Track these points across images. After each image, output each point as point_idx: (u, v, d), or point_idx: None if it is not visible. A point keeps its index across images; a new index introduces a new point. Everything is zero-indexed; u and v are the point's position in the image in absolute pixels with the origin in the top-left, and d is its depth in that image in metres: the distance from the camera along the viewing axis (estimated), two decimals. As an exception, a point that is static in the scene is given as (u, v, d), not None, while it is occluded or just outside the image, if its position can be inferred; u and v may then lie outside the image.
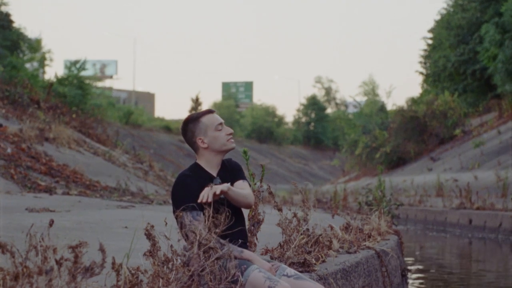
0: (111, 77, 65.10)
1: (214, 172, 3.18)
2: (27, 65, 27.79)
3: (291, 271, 3.16)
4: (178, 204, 3.00)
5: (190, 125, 3.19)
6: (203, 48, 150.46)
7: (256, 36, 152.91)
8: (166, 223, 2.88)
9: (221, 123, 3.19)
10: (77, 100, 24.77)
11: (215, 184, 3.06)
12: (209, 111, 3.22)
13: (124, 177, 13.02)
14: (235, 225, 3.07)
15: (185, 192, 3.03)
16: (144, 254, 2.78)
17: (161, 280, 2.71)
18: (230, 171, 3.24)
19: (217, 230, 2.82)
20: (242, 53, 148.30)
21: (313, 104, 71.02)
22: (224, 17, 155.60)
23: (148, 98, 74.77)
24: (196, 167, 3.17)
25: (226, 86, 79.45)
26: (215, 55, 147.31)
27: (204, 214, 2.91)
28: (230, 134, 3.20)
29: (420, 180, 20.73)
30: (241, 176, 3.26)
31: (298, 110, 72.74)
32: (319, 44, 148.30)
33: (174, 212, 3.02)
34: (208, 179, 3.12)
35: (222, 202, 3.07)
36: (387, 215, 7.23)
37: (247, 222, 3.62)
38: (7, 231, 4.56)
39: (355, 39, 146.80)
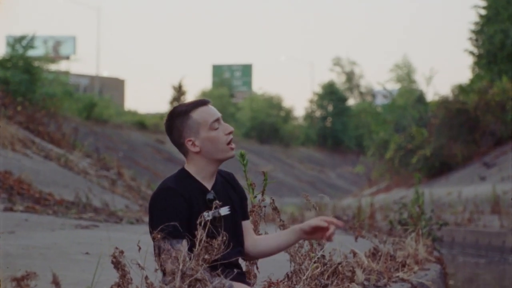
0: (67, 58, 65.13)
1: (208, 184, 3.18)
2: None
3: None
4: (155, 224, 3.00)
5: (177, 121, 3.16)
6: (187, 21, 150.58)
7: (256, 6, 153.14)
8: (140, 248, 2.88)
9: (217, 119, 3.17)
10: (24, 87, 24.78)
11: (209, 199, 3.06)
12: (201, 102, 3.19)
13: (85, 188, 13.02)
14: (233, 251, 3.08)
15: (166, 209, 3.02)
16: (111, 288, 2.79)
17: (132, 321, 2.71)
18: (231, 188, 3.27)
19: (206, 257, 2.83)
20: (238, 28, 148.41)
21: (330, 93, 71.10)
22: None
23: (116, 86, 74.86)
24: (184, 176, 3.16)
25: (217, 70, 79.56)
26: (204, 30, 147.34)
27: (194, 237, 2.91)
28: (230, 133, 3.18)
29: (470, 192, 20.74)
30: (246, 209, 3.32)
31: (311, 102, 72.83)
32: (338, 15, 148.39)
33: (151, 233, 3.02)
34: (199, 192, 3.13)
35: (219, 223, 3.08)
36: (426, 238, 7.24)
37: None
38: None
39: (384, 10, 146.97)
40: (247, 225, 3.33)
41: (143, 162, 41.82)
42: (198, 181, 3.15)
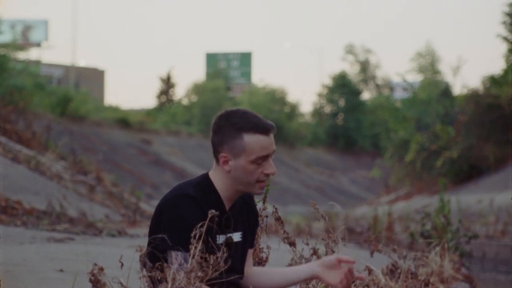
0: (38, 45, 65.22)
1: (228, 203, 3.22)
2: None
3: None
4: (167, 234, 3.02)
5: (225, 129, 3.18)
6: (177, 3, 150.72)
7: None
8: (122, 264, 2.88)
9: (266, 156, 3.20)
10: (-12, 79, 24.80)
11: (225, 220, 3.10)
12: (263, 130, 3.19)
13: (59, 195, 13.02)
14: (233, 270, 3.12)
15: (181, 219, 3.05)
16: (89, 311, 2.78)
17: None
18: (247, 213, 3.32)
19: (199, 274, 2.83)
20: (235, 10, 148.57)
21: (342, 86, 71.14)
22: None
23: (95, 77, 74.94)
24: (206, 185, 3.20)
25: (211, 58, 79.60)
26: (196, 13, 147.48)
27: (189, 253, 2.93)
28: (268, 175, 3.22)
29: (504, 200, 20.73)
30: (254, 237, 3.40)
31: (319, 95, 72.90)
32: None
33: (150, 243, 3.04)
34: (216, 207, 3.14)
35: (229, 245, 3.12)
36: (453, 253, 7.24)
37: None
38: None
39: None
40: (248, 253, 3.38)
41: (126, 165, 41.84)
42: (220, 197, 3.19)
